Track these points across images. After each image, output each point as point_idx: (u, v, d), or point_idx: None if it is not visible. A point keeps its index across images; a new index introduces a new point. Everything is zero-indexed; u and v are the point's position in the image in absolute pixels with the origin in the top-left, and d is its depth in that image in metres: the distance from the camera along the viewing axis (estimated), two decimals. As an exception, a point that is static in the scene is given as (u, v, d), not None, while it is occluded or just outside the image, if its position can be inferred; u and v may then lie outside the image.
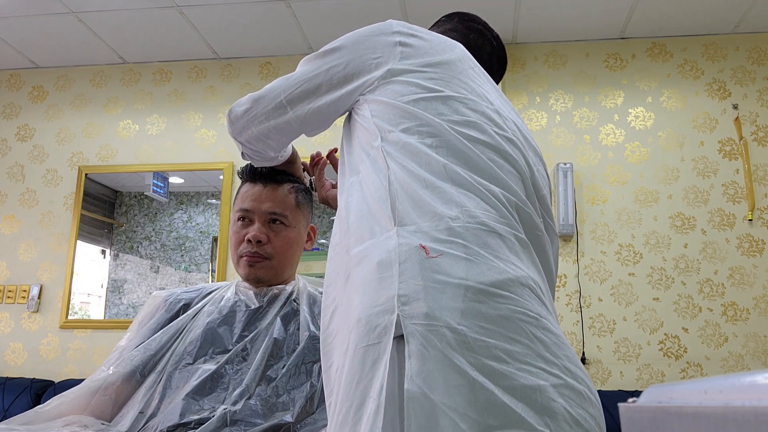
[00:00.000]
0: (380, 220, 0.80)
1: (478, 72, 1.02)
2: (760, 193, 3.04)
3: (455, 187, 0.80)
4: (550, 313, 0.76)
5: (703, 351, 2.90)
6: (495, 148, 0.87)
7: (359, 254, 0.80)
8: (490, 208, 0.79)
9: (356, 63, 0.97)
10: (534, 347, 0.69)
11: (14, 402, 2.92)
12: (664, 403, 0.37)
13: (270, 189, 1.28)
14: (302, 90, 1.00)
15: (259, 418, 1.08)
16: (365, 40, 0.99)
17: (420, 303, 0.68)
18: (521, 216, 0.83)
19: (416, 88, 0.91)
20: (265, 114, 1.03)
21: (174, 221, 3.53)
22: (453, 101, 0.90)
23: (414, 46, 0.97)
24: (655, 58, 3.29)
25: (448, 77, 0.94)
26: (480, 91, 0.96)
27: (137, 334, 1.27)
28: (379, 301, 0.72)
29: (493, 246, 0.75)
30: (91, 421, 1.11)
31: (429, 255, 0.72)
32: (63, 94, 3.67)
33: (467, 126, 0.88)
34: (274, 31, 3.26)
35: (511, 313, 0.70)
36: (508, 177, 0.85)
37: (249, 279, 1.28)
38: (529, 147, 0.97)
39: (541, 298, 0.76)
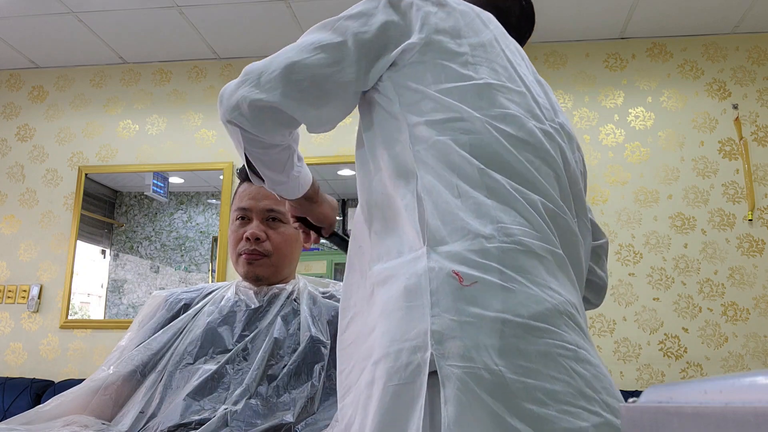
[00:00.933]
0: (407, 235, 0.75)
1: (514, 50, 0.91)
2: (760, 193, 3.04)
3: (491, 198, 0.73)
4: (586, 339, 0.72)
5: (703, 351, 2.90)
6: (533, 147, 0.80)
7: (383, 272, 0.76)
8: (527, 222, 0.73)
9: (387, 30, 0.84)
10: (574, 383, 0.66)
11: (14, 402, 2.92)
12: (664, 403, 0.37)
13: None
14: (322, 56, 0.83)
15: (260, 418, 1.08)
16: (395, 6, 0.86)
17: (456, 342, 0.65)
18: (557, 224, 0.78)
19: (450, 72, 0.81)
20: (271, 81, 0.84)
21: (174, 221, 3.53)
22: (490, 90, 0.81)
23: (450, 20, 0.85)
24: (655, 58, 3.29)
25: (484, 60, 0.83)
26: (517, 76, 0.86)
27: (137, 334, 1.27)
28: (409, 334, 0.67)
29: (530, 269, 0.70)
30: (91, 421, 1.11)
31: (463, 283, 0.67)
32: (63, 94, 3.67)
33: (505, 121, 0.79)
34: (274, 31, 3.26)
35: (550, 348, 0.66)
36: (545, 180, 0.79)
37: (248, 277, 1.28)
38: (565, 134, 0.89)
39: (579, 324, 0.72)
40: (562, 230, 0.78)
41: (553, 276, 0.72)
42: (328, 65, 0.83)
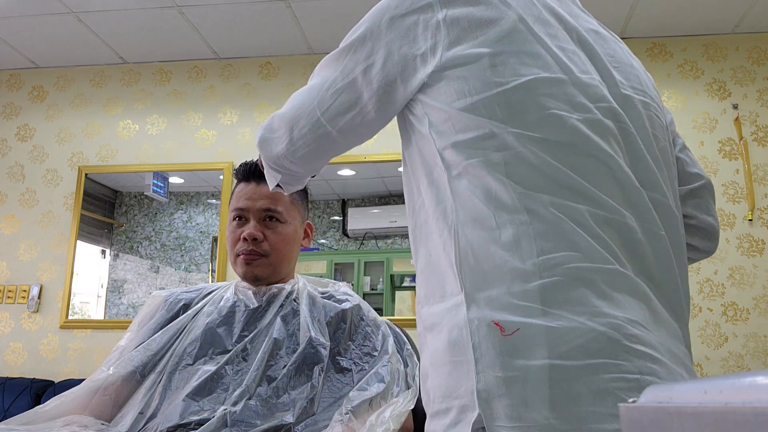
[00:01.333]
0: (447, 276, 0.72)
1: (546, 16, 0.78)
2: (760, 193, 3.04)
3: (532, 224, 0.67)
4: (654, 356, 0.65)
5: (703, 351, 2.90)
6: (576, 148, 0.71)
7: (429, 318, 0.74)
8: (571, 243, 0.67)
9: (395, 59, 0.77)
10: None
11: (14, 402, 2.92)
12: (664, 403, 0.37)
13: (264, 187, 1.29)
14: (340, 102, 0.82)
15: (259, 418, 1.08)
16: (398, 24, 0.77)
17: (502, 401, 0.62)
18: (616, 228, 0.70)
19: (473, 83, 0.72)
20: (304, 137, 0.86)
21: (174, 221, 3.53)
22: (520, 93, 0.71)
23: (462, 19, 0.75)
24: (655, 58, 3.29)
25: (510, 54, 0.73)
26: (552, 57, 0.74)
27: (137, 335, 1.27)
28: (458, 392, 0.67)
29: (577, 299, 0.65)
30: (91, 421, 1.11)
31: (504, 333, 0.64)
32: (63, 94, 3.68)
33: (541, 126, 0.71)
34: (274, 31, 3.26)
35: (606, 384, 0.61)
36: (595, 182, 0.70)
37: (247, 277, 1.28)
38: (630, 107, 0.78)
39: (645, 341, 0.65)
40: (625, 238, 0.70)
41: (604, 297, 0.65)
42: (349, 109, 0.81)
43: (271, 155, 0.92)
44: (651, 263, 0.72)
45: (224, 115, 3.50)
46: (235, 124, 3.48)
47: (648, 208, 0.73)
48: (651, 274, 0.71)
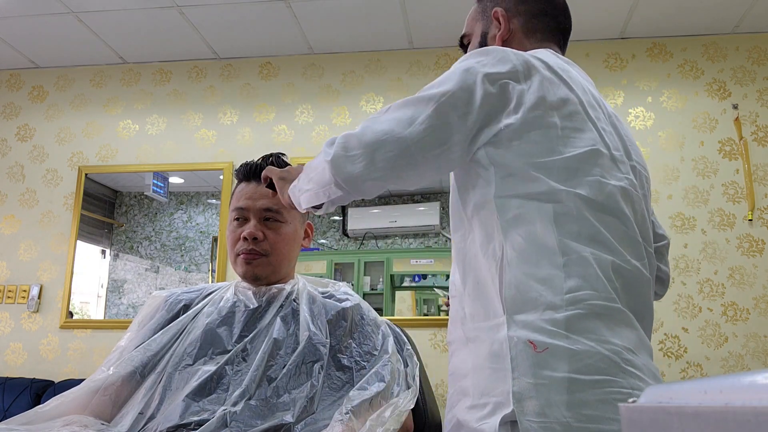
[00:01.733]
0: (492, 301, 0.89)
1: (592, 101, 0.98)
2: (760, 193, 3.04)
3: (565, 267, 0.85)
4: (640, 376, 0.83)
5: (703, 351, 2.90)
6: (610, 209, 0.90)
7: (473, 331, 0.92)
8: (592, 286, 0.85)
9: (486, 111, 0.91)
10: None
11: (14, 402, 2.92)
12: (664, 403, 0.37)
13: (264, 186, 1.29)
14: (433, 138, 0.91)
15: (259, 418, 1.08)
16: (491, 81, 0.91)
17: (532, 401, 0.80)
18: (623, 277, 0.89)
19: (541, 148, 0.89)
20: (388, 162, 0.91)
21: (174, 221, 3.53)
22: (577, 160, 0.90)
23: (542, 90, 0.92)
24: (655, 58, 3.29)
25: (572, 130, 0.92)
26: (599, 134, 0.94)
27: (137, 335, 1.27)
28: (495, 391, 0.84)
29: (592, 329, 0.83)
30: (91, 421, 1.11)
31: (536, 350, 0.82)
32: (63, 94, 3.67)
33: (588, 189, 0.89)
34: (274, 31, 3.26)
35: (607, 396, 0.80)
36: (618, 239, 0.89)
37: (247, 277, 1.28)
38: (636, 176, 0.99)
39: (635, 364, 0.84)
40: (627, 281, 0.89)
41: (611, 330, 0.84)
42: (437, 146, 0.90)
43: (342, 172, 0.93)
44: (641, 300, 0.92)
45: (224, 115, 3.50)
46: (235, 124, 3.48)
47: (644, 258, 0.94)
48: (638, 309, 0.91)
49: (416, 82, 3.41)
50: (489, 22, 1.14)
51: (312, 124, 3.42)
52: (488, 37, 1.14)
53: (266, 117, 3.47)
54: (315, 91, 3.47)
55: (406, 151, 0.90)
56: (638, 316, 0.91)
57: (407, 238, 3.36)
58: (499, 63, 0.93)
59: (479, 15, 1.17)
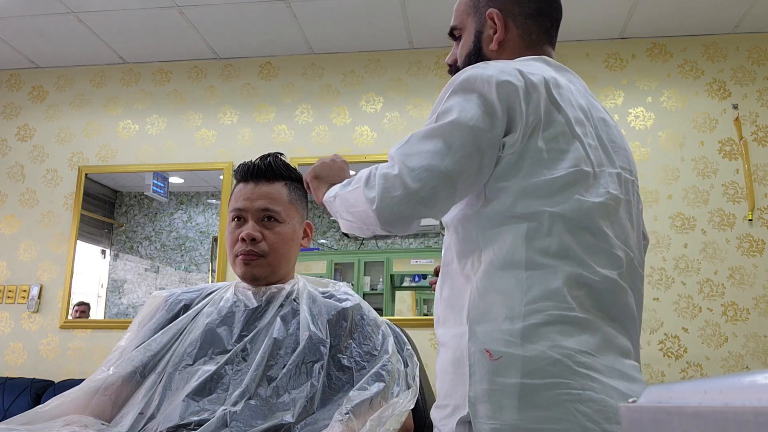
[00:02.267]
0: (461, 310, 0.94)
1: (582, 118, 1.00)
2: (760, 193, 3.04)
3: (526, 280, 0.89)
4: (593, 377, 0.86)
5: (703, 351, 2.90)
6: (583, 225, 0.93)
7: (443, 337, 0.99)
8: (551, 295, 0.89)
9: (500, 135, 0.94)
10: (576, 420, 0.83)
11: (14, 402, 2.92)
12: (664, 403, 0.37)
13: (262, 186, 1.28)
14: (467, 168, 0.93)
15: (260, 418, 1.08)
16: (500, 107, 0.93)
17: (485, 405, 0.86)
18: (588, 284, 0.91)
19: (531, 169, 0.93)
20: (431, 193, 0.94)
21: (174, 221, 3.53)
22: (561, 181, 0.93)
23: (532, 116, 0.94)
24: (655, 58, 3.29)
25: (558, 152, 0.94)
26: (585, 152, 0.96)
27: (137, 335, 1.27)
28: (455, 395, 0.92)
29: (545, 335, 0.87)
30: (91, 421, 1.11)
31: (492, 358, 0.87)
32: (63, 94, 3.67)
33: (568, 208, 0.92)
34: (274, 31, 3.26)
35: (558, 397, 0.84)
36: (586, 253, 0.92)
37: (246, 278, 1.28)
38: (621, 186, 1.01)
39: (589, 365, 0.87)
40: (594, 290, 0.92)
41: (566, 336, 0.88)
42: (475, 172, 0.93)
43: (387, 219, 0.96)
44: (615, 306, 0.95)
45: (224, 115, 3.50)
46: (235, 124, 3.48)
47: (621, 267, 0.97)
48: (614, 314, 0.95)
49: (416, 82, 3.41)
50: (483, 21, 1.12)
51: (312, 124, 3.42)
52: (482, 38, 1.12)
53: (266, 117, 3.47)
54: (315, 91, 3.47)
55: (449, 183, 0.91)
56: (616, 321, 0.95)
57: (407, 238, 3.36)
58: (508, 84, 0.94)
59: (471, 9, 1.14)
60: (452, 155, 0.91)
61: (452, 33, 1.18)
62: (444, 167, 0.90)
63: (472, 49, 1.12)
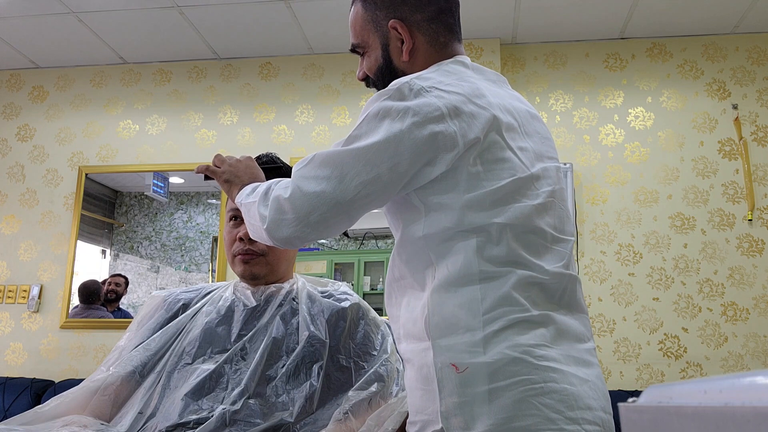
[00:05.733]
0: (419, 326, 0.95)
1: (512, 121, 1.00)
2: (760, 193, 3.04)
3: (480, 289, 0.92)
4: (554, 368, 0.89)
5: (703, 351, 2.90)
6: (527, 228, 0.96)
7: (406, 353, 0.99)
8: (506, 301, 0.91)
9: (414, 160, 0.93)
10: (541, 414, 0.86)
11: (14, 402, 2.92)
12: (664, 403, 0.37)
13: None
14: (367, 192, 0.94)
15: (259, 417, 1.08)
16: (417, 130, 0.93)
17: (458, 418, 0.88)
18: (539, 283, 0.95)
19: (468, 185, 0.94)
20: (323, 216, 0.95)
21: (174, 221, 3.53)
22: (501, 192, 0.94)
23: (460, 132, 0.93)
24: (654, 58, 3.29)
25: (489, 161, 0.95)
26: (515, 155, 0.98)
27: (136, 335, 1.27)
28: (427, 410, 0.92)
29: (506, 337, 0.89)
30: (90, 421, 1.11)
31: (458, 371, 0.89)
32: (63, 94, 3.67)
33: (507, 214, 0.94)
34: (274, 31, 3.26)
35: (522, 394, 0.87)
36: (533, 254, 0.95)
37: (245, 276, 1.28)
38: (547, 179, 1.02)
39: (548, 356, 0.90)
40: (546, 288, 0.96)
41: (520, 333, 0.90)
42: (370, 199, 0.94)
43: (277, 237, 0.99)
44: (566, 296, 0.98)
45: (224, 115, 3.50)
46: (235, 124, 3.48)
47: (565, 257, 1.00)
48: (565, 303, 0.98)
49: (416, 82, 3.40)
50: (386, 33, 1.09)
51: (312, 124, 3.42)
52: (390, 50, 1.09)
53: (266, 117, 3.47)
54: (315, 91, 3.47)
55: (339, 209, 0.93)
56: (567, 309, 0.98)
57: (407, 238, 3.36)
58: (426, 108, 0.92)
59: (370, 24, 1.12)
60: (347, 184, 0.92)
61: (355, 50, 1.17)
62: (336, 195, 0.92)
63: (382, 63, 1.10)
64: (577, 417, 0.87)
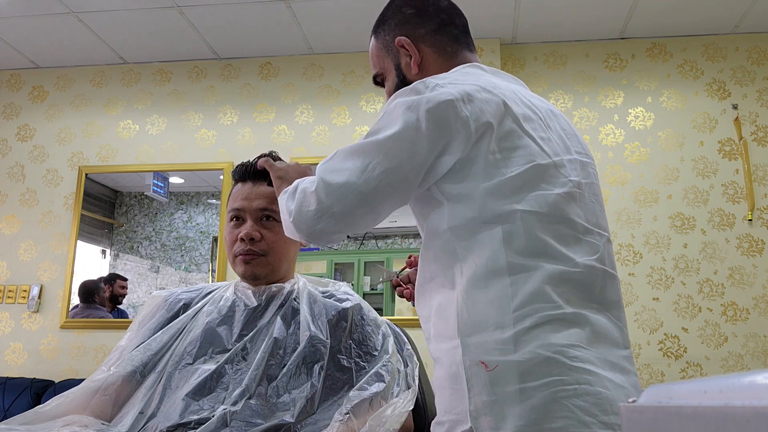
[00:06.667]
0: (451, 325, 0.94)
1: (529, 113, 1.01)
2: (760, 193, 3.04)
3: (511, 286, 0.90)
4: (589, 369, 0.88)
5: (703, 351, 2.90)
6: (556, 218, 0.95)
7: (436, 352, 0.98)
8: (538, 297, 0.90)
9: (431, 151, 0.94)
10: (574, 416, 0.84)
11: (14, 402, 2.92)
12: (664, 403, 0.37)
13: (260, 186, 1.29)
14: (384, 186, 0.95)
15: (260, 418, 1.08)
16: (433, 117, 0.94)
17: (487, 417, 0.87)
18: (571, 278, 0.92)
19: (487, 173, 0.93)
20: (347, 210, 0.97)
21: (174, 221, 3.53)
22: (521, 179, 0.94)
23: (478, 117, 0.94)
24: (654, 58, 3.29)
25: (509, 149, 0.95)
26: (536, 144, 0.97)
27: (137, 334, 1.27)
28: (456, 410, 0.91)
29: (537, 336, 0.88)
30: (91, 421, 1.11)
31: (488, 369, 0.88)
32: (63, 94, 3.67)
33: (532, 203, 0.93)
34: (274, 31, 3.26)
35: (555, 395, 0.85)
36: (565, 245, 0.94)
37: (246, 277, 1.28)
38: (580, 170, 1.02)
39: (580, 357, 0.88)
40: (577, 283, 0.93)
41: (553, 332, 0.89)
42: (393, 190, 0.95)
43: (304, 230, 1.00)
44: (597, 292, 0.95)
45: (224, 115, 3.50)
46: (235, 124, 3.48)
47: (598, 251, 0.98)
48: (599, 300, 0.95)
49: (416, 82, 3.40)
50: (396, 52, 1.15)
51: (312, 124, 3.42)
52: (402, 67, 1.15)
53: (266, 117, 3.47)
54: (315, 91, 3.47)
55: (363, 200, 0.94)
56: (603, 309, 0.96)
57: (407, 238, 3.36)
58: (439, 96, 0.94)
59: (383, 51, 1.18)
60: (369, 173, 0.93)
61: (376, 81, 1.24)
62: (359, 185, 0.93)
63: (397, 81, 1.16)
64: (611, 422, 0.85)
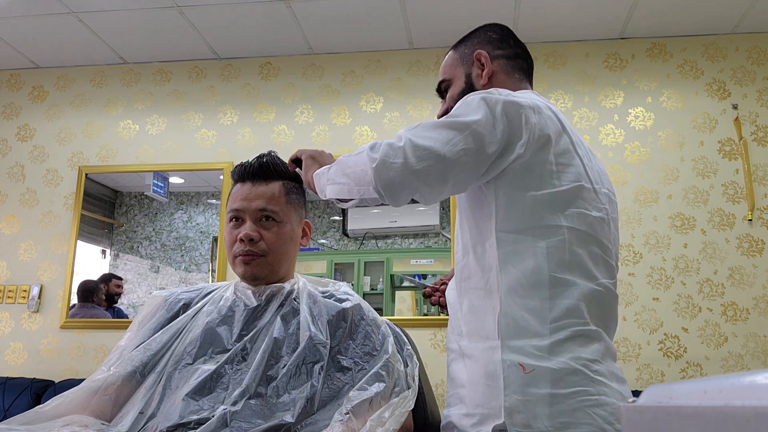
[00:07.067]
0: (487, 325, 1.04)
1: (579, 140, 1.13)
2: (760, 193, 3.04)
3: (549, 299, 1.00)
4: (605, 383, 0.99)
5: (703, 351, 2.90)
6: (594, 239, 1.06)
7: (469, 349, 1.08)
8: (571, 312, 1.00)
9: (504, 142, 1.04)
10: (595, 423, 0.95)
11: (14, 402, 2.92)
12: (664, 403, 0.37)
13: (259, 187, 1.29)
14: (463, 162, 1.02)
15: (260, 418, 1.08)
16: (508, 114, 1.04)
17: (521, 415, 0.95)
18: (596, 296, 1.04)
19: (538, 182, 1.03)
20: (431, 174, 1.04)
21: (174, 221, 3.53)
22: (568, 194, 1.04)
23: (541, 127, 1.05)
24: (654, 58, 3.29)
25: (564, 166, 1.06)
26: (584, 169, 1.09)
27: (137, 334, 1.27)
28: (489, 404, 1.00)
29: (568, 349, 0.99)
30: (91, 421, 1.11)
31: (525, 372, 0.97)
32: (63, 94, 3.67)
33: (576, 221, 1.04)
34: (274, 31, 3.26)
35: (580, 404, 0.95)
36: (598, 267, 1.06)
37: (246, 277, 1.28)
38: (609, 202, 1.14)
39: (600, 371, 0.99)
40: (599, 302, 1.05)
41: (581, 345, 1.00)
42: (467, 167, 1.02)
43: (383, 179, 1.03)
44: (607, 313, 1.08)
45: (224, 115, 3.50)
46: (235, 124, 3.48)
47: (614, 277, 1.11)
48: (606, 322, 1.07)
49: (416, 82, 3.41)
50: (471, 63, 1.26)
51: (312, 124, 3.42)
52: (473, 76, 1.25)
53: (266, 117, 3.47)
54: (315, 91, 3.47)
55: (442, 166, 1.01)
56: (606, 328, 1.07)
57: (407, 238, 3.36)
58: (514, 99, 1.05)
59: (458, 61, 1.29)
60: (452, 146, 1.00)
61: (440, 88, 1.32)
62: (443, 153, 1.00)
63: (464, 87, 1.25)
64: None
